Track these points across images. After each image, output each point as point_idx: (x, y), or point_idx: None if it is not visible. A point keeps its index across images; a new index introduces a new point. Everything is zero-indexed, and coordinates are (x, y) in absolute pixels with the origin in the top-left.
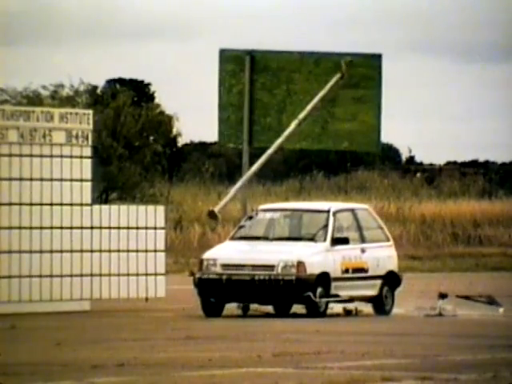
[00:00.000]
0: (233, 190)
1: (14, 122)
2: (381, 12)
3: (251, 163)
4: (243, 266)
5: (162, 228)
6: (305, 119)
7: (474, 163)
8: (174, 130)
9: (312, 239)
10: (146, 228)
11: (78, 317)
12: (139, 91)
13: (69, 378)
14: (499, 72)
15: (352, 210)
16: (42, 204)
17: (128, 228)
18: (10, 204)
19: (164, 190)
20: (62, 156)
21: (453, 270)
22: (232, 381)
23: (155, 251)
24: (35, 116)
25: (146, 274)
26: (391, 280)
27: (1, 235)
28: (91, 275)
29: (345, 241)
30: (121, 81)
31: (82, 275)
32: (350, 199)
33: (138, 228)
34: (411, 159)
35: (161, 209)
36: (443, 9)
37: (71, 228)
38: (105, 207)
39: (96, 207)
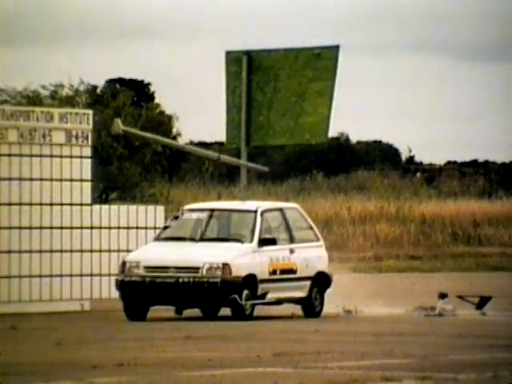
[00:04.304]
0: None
1: (13, 121)
2: (380, 11)
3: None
4: (167, 268)
5: None
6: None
7: (473, 163)
8: (174, 130)
9: (239, 240)
10: (146, 228)
11: (78, 317)
12: (139, 91)
13: (69, 378)
14: (499, 72)
15: (281, 210)
16: (41, 204)
17: (128, 228)
18: (10, 204)
19: (164, 189)
20: (61, 156)
21: (453, 270)
22: (232, 381)
23: None
24: (35, 116)
25: None
26: (321, 281)
27: (1, 235)
28: (91, 275)
29: (272, 241)
30: (121, 81)
31: (81, 275)
32: (350, 199)
33: (137, 228)
34: (411, 159)
35: (161, 209)
36: (443, 9)
37: (71, 228)
38: (105, 207)
39: (96, 207)
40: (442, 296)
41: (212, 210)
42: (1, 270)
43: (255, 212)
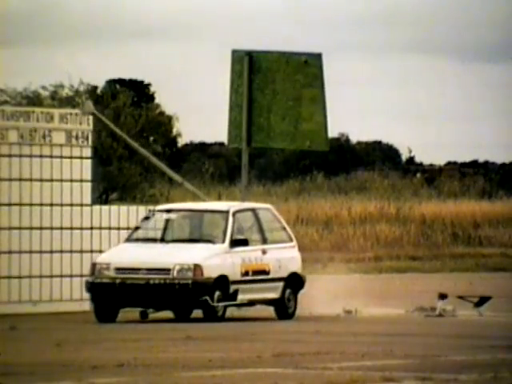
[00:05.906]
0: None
1: (13, 122)
2: (381, 12)
3: (251, 163)
4: (138, 269)
5: None
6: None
7: (473, 163)
8: (174, 131)
9: (210, 241)
10: None
11: (78, 317)
12: (139, 92)
13: (69, 379)
14: (499, 72)
15: (253, 210)
16: (42, 204)
17: (128, 228)
18: (10, 204)
19: (164, 190)
20: (61, 156)
21: (453, 271)
22: (232, 381)
23: None
24: (35, 116)
25: None
26: (294, 282)
27: (1, 235)
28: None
29: (244, 242)
30: (121, 81)
31: (81, 275)
32: (351, 200)
33: None
34: (411, 159)
35: None
36: (443, 9)
37: (71, 228)
38: (105, 207)
39: (96, 207)
40: (442, 296)
41: (183, 211)
42: (1, 270)
43: (227, 212)
